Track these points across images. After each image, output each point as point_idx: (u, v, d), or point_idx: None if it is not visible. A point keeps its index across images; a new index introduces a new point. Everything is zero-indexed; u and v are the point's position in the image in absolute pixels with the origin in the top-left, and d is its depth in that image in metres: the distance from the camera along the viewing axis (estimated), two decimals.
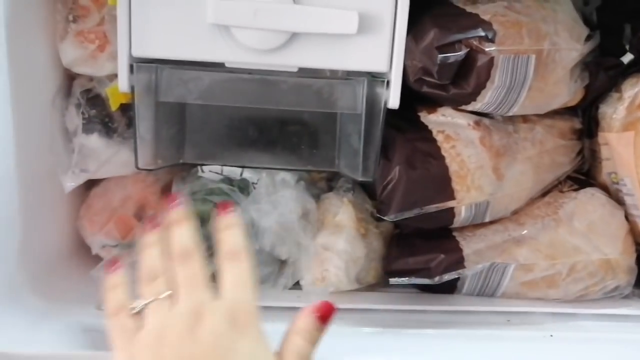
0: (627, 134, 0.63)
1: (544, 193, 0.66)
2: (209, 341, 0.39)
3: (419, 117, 0.62)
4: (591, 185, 0.67)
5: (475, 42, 0.55)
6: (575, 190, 0.66)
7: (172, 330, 0.40)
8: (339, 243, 0.62)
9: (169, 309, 0.41)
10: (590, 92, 0.65)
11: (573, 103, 0.65)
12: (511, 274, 0.62)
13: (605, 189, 0.67)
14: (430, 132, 0.60)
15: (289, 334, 0.43)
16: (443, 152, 0.59)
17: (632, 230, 0.64)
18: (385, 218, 0.59)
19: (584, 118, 0.67)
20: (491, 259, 0.61)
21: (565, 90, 0.61)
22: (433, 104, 0.63)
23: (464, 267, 0.60)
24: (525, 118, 0.63)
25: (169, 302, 0.42)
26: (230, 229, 0.45)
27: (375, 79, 0.59)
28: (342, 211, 0.63)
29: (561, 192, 0.66)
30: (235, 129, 0.64)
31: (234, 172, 0.63)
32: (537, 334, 0.60)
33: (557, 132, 0.65)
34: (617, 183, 0.65)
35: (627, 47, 0.66)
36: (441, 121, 0.61)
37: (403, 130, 0.62)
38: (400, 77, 0.58)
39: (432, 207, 0.59)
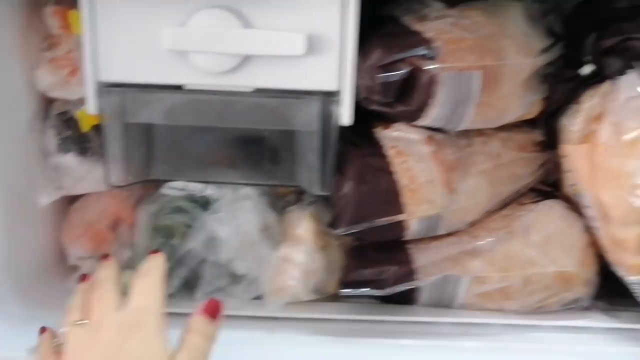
0: (584, 146, 0.63)
1: (505, 205, 0.67)
2: (101, 349, 0.44)
3: (373, 133, 0.64)
4: (554, 197, 0.68)
5: (417, 61, 0.56)
6: (536, 202, 0.66)
7: (78, 346, 0.45)
8: (297, 255, 0.64)
9: (82, 331, 0.46)
10: (550, 105, 0.66)
11: (531, 116, 0.65)
12: (465, 286, 0.62)
13: (570, 200, 0.68)
14: (383, 147, 0.62)
15: (184, 333, 0.47)
16: (393, 167, 0.61)
17: (593, 242, 0.64)
18: (335, 232, 0.61)
19: (546, 130, 0.68)
20: (444, 271, 0.62)
21: (517, 104, 0.62)
22: (389, 120, 0.64)
23: (415, 279, 0.62)
24: (480, 132, 0.64)
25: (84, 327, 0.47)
26: (151, 263, 0.50)
27: (329, 97, 0.62)
28: (302, 224, 0.65)
29: (521, 204, 0.66)
30: (199, 147, 0.67)
31: (197, 188, 0.66)
32: (492, 345, 0.61)
33: (516, 145, 0.66)
34: (578, 195, 0.65)
35: (589, 58, 0.67)
36: (395, 137, 0.63)
37: (358, 145, 0.63)
38: (350, 96, 0.60)
39: (382, 221, 0.60)
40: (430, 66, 0.56)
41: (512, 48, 0.59)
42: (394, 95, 0.57)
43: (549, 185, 0.70)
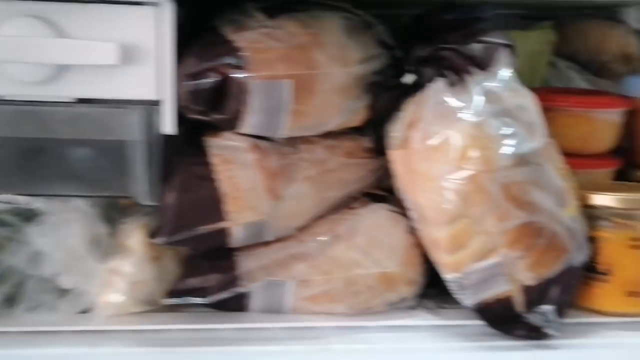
0: (401, 151, 0.65)
1: (335, 209, 0.68)
2: None
3: (203, 141, 0.65)
4: (388, 201, 0.70)
5: (226, 69, 0.58)
6: (365, 206, 0.69)
7: None
8: (125, 267, 0.63)
9: None
10: (374, 112, 0.68)
11: (356, 123, 0.68)
12: (291, 290, 0.64)
13: (401, 204, 0.70)
14: (208, 156, 0.63)
15: None
16: (217, 175, 0.62)
17: (418, 243, 0.67)
18: (156, 242, 0.61)
19: (375, 137, 0.71)
20: (268, 276, 0.63)
21: (337, 112, 0.64)
22: (218, 128, 0.65)
23: (238, 285, 0.62)
24: (306, 139, 0.65)
25: None
26: None
27: (151, 107, 0.62)
28: (133, 235, 0.65)
29: (350, 208, 0.68)
30: (25, 159, 0.65)
31: (23, 201, 0.65)
32: (320, 347, 0.62)
33: (343, 151, 0.67)
34: (403, 198, 0.68)
35: (411, 67, 0.70)
36: (221, 145, 0.64)
37: (186, 154, 0.64)
38: (171, 105, 0.61)
39: (204, 229, 0.61)
40: (239, 75, 0.57)
41: (326, 58, 0.61)
42: (206, 103, 0.58)
43: (386, 190, 0.73)
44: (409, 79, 0.68)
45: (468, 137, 0.60)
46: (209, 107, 0.59)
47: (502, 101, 0.61)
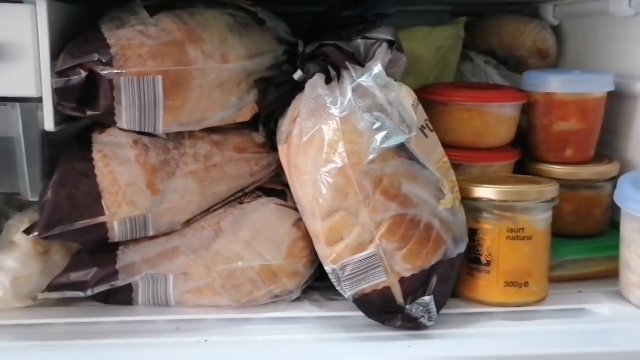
0: (284, 146, 0.66)
1: (225, 203, 0.69)
2: None
3: (90, 137, 0.66)
4: (281, 195, 0.71)
5: (93, 66, 0.59)
6: (255, 199, 0.70)
7: None
8: (8, 262, 0.64)
9: None
10: (263, 108, 0.69)
11: (245, 118, 0.68)
12: (173, 283, 0.65)
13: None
14: (91, 152, 0.64)
15: None
16: (96, 171, 0.62)
17: (305, 236, 0.68)
18: (31, 236, 0.62)
19: (269, 132, 0.72)
20: (148, 269, 0.64)
21: (218, 108, 0.65)
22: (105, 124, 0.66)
23: (117, 279, 0.63)
24: (191, 134, 0.66)
25: None
26: None
27: (32, 103, 0.63)
28: (18, 230, 0.65)
29: (240, 202, 0.69)
30: None
31: None
32: (204, 339, 0.64)
33: (232, 146, 0.68)
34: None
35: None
36: (106, 141, 0.64)
37: (71, 150, 0.65)
38: (50, 101, 0.62)
39: (82, 224, 0.62)
40: (107, 71, 0.58)
41: (201, 54, 0.62)
42: (76, 99, 0.59)
43: (285, 184, 0.74)
44: (297, 75, 0.70)
45: (336, 131, 0.61)
46: (81, 104, 0.59)
47: (373, 96, 0.62)
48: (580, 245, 0.77)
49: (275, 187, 0.73)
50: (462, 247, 0.65)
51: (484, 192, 0.67)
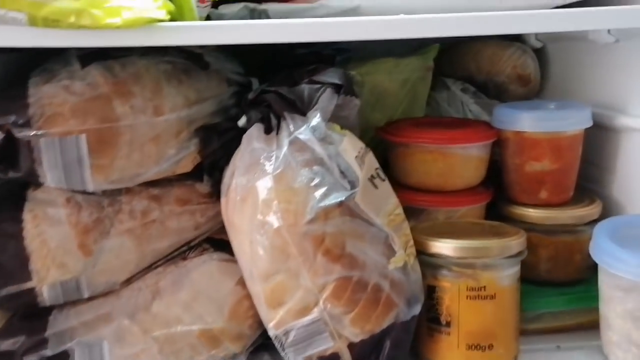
0: (224, 200, 0.62)
1: (167, 260, 0.65)
2: None
3: (25, 194, 0.62)
4: (229, 246, 0.67)
5: (11, 128, 0.55)
6: (200, 255, 0.66)
7: None
8: None
9: None
10: (206, 157, 0.65)
11: (186, 169, 0.64)
12: (108, 351, 0.61)
13: None
14: (22, 211, 0.60)
15: None
16: (24, 233, 0.59)
17: (250, 295, 0.63)
18: None
19: (214, 181, 0.68)
20: (81, 336, 0.60)
21: (153, 162, 0.61)
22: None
23: (45, 348, 0.59)
24: (127, 190, 0.62)
25: None
26: None
27: None
28: None
29: (183, 259, 0.65)
30: None
31: None
32: None
33: (173, 199, 0.64)
34: None
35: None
36: (39, 198, 0.61)
37: (3, 210, 0.61)
38: None
39: (10, 290, 0.58)
40: (23, 133, 0.55)
41: (129, 108, 0.58)
42: None
43: None
44: (242, 122, 0.66)
45: (271, 190, 0.57)
46: (2, 166, 0.56)
47: (312, 150, 0.58)
48: (560, 295, 0.71)
49: (225, 237, 0.69)
50: (417, 308, 0.60)
51: (442, 247, 0.62)
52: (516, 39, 0.96)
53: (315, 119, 0.59)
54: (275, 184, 0.57)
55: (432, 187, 0.72)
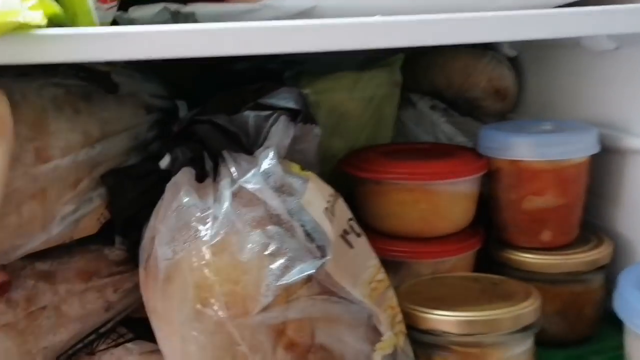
0: (143, 272, 0.45)
1: (70, 354, 0.48)
2: None
3: None
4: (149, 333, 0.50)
5: None
6: (114, 346, 0.49)
7: None
8: None
9: None
10: (118, 212, 0.49)
11: (89, 232, 0.47)
12: None
13: None
14: None
15: None
16: None
17: None
18: None
19: (130, 243, 0.51)
20: None
21: (38, 227, 0.43)
22: None
23: None
24: (1, 268, 0.45)
25: None
26: None
27: None
28: None
29: (90, 354, 0.48)
30: None
31: None
32: None
33: (73, 273, 0.47)
34: None
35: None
36: None
37: None
38: None
39: None
40: None
41: None
42: None
43: None
44: (164, 162, 0.49)
45: (208, 266, 0.40)
46: None
47: (264, 204, 0.42)
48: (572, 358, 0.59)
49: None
50: None
51: (438, 321, 0.47)
52: (488, 47, 0.84)
53: (268, 159, 0.42)
54: (214, 256, 0.40)
55: (411, 234, 0.57)
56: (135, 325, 0.51)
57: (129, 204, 0.48)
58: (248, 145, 0.45)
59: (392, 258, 0.56)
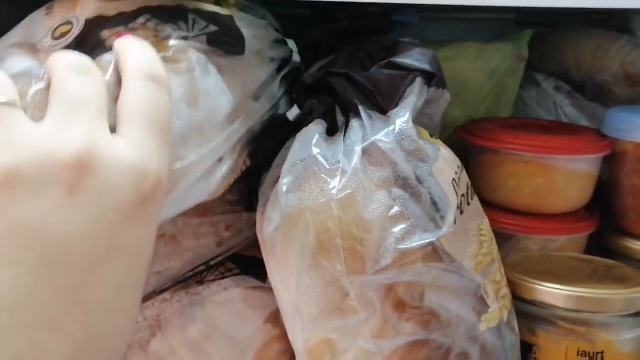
0: (260, 217, 0.46)
1: (181, 281, 0.51)
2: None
3: None
4: (260, 267, 0.52)
5: None
6: (221, 278, 0.51)
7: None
8: None
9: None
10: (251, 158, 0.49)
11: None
12: None
13: None
14: None
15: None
16: None
17: (282, 336, 0.48)
18: None
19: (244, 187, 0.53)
20: None
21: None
22: None
23: None
24: None
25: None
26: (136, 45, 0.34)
27: None
28: None
29: (199, 282, 0.51)
30: None
31: None
32: None
33: (192, 208, 0.49)
34: None
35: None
36: None
37: None
38: None
39: None
40: None
41: None
42: None
43: None
44: (292, 113, 0.50)
45: (332, 219, 0.40)
46: None
47: (394, 164, 0.41)
48: None
49: (257, 255, 0.54)
50: None
51: (545, 293, 0.46)
52: (623, 30, 0.79)
53: (403, 120, 0.42)
54: (339, 210, 0.40)
55: (523, 208, 0.56)
56: (242, 261, 0.53)
57: (252, 151, 0.50)
58: (381, 104, 0.44)
59: (501, 230, 0.55)
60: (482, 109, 0.67)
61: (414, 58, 0.47)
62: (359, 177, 0.41)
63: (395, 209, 0.40)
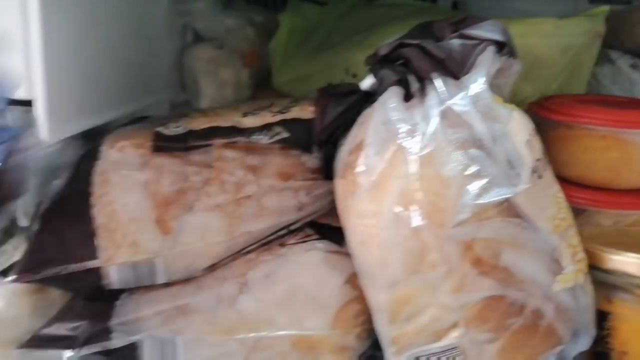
0: (341, 182, 0.49)
1: (264, 244, 0.53)
2: None
3: (97, 152, 0.52)
4: (336, 234, 0.54)
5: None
6: (302, 242, 0.53)
7: None
8: None
9: None
10: (322, 126, 0.52)
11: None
12: (183, 349, 0.49)
13: None
14: (91, 173, 0.50)
15: None
16: (93, 200, 0.48)
17: (360, 297, 0.51)
18: (7, 281, 0.49)
19: (325, 154, 0.55)
20: (152, 329, 0.49)
21: None
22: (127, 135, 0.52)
23: (109, 338, 0.48)
24: (219, 156, 0.50)
25: None
26: None
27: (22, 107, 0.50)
28: (8, 261, 0.53)
29: (281, 245, 0.53)
30: None
31: None
32: None
33: (274, 171, 0.51)
34: None
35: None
36: (114, 159, 0.50)
37: (72, 170, 0.51)
38: (46, 107, 0.48)
39: (73, 268, 0.48)
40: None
41: None
42: None
43: None
44: (367, 83, 0.52)
45: (413, 175, 0.43)
46: None
47: (470, 126, 0.43)
48: None
49: (333, 223, 0.56)
50: (585, 343, 0.46)
51: (623, 262, 0.47)
52: None
53: (477, 84, 0.44)
54: (421, 168, 0.43)
55: (597, 183, 0.56)
56: (321, 228, 0.55)
57: (332, 120, 0.52)
58: (455, 72, 0.46)
59: (573, 204, 0.55)
60: (555, 85, 0.67)
61: (485, 29, 0.49)
62: (437, 138, 0.43)
63: (473, 168, 0.42)
